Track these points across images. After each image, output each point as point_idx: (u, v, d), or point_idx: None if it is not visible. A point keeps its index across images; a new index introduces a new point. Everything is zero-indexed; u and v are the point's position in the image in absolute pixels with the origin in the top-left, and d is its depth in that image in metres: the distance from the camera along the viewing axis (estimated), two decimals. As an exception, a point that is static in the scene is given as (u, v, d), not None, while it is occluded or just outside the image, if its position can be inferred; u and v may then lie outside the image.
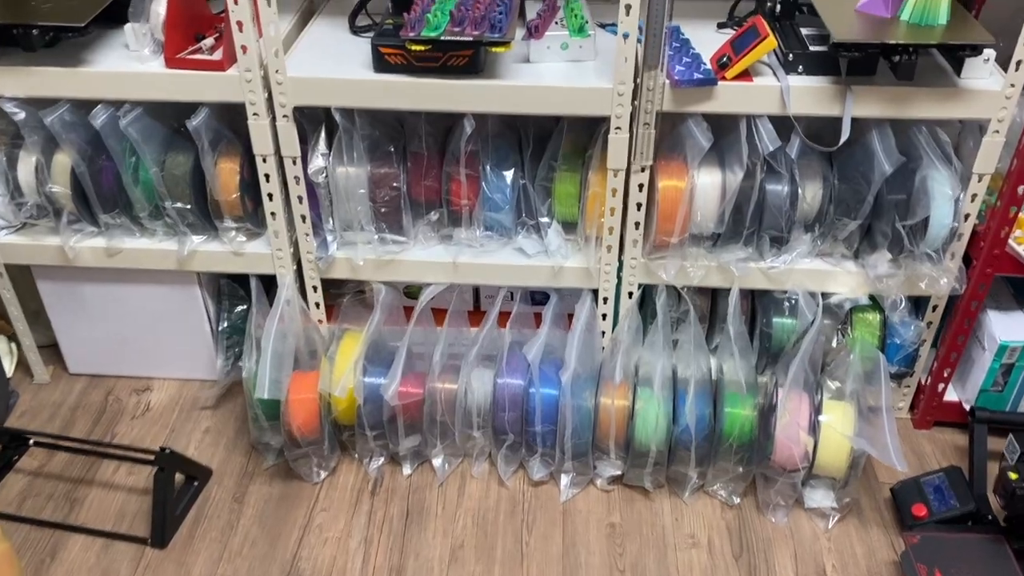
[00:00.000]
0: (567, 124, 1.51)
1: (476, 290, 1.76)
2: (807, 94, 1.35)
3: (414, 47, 1.33)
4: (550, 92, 1.37)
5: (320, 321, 1.69)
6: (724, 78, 1.35)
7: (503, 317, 1.65)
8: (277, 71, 1.39)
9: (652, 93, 1.36)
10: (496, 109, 1.40)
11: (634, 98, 1.37)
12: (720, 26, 1.54)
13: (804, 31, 1.42)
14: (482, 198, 1.52)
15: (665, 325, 1.60)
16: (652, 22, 1.28)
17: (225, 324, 1.74)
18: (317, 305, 1.67)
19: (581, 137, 1.51)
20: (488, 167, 1.51)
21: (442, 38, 1.31)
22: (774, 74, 1.37)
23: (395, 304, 1.65)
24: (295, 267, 1.62)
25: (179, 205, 1.55)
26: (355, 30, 1.53)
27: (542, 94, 1.37)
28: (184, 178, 1.53)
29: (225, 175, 1.53)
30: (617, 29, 1.29)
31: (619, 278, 1.57)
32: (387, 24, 1.42)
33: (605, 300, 1.60)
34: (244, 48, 1.37)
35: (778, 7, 1.45)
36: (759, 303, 1.64)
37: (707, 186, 1.46)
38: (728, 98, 1.36)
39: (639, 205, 1.48)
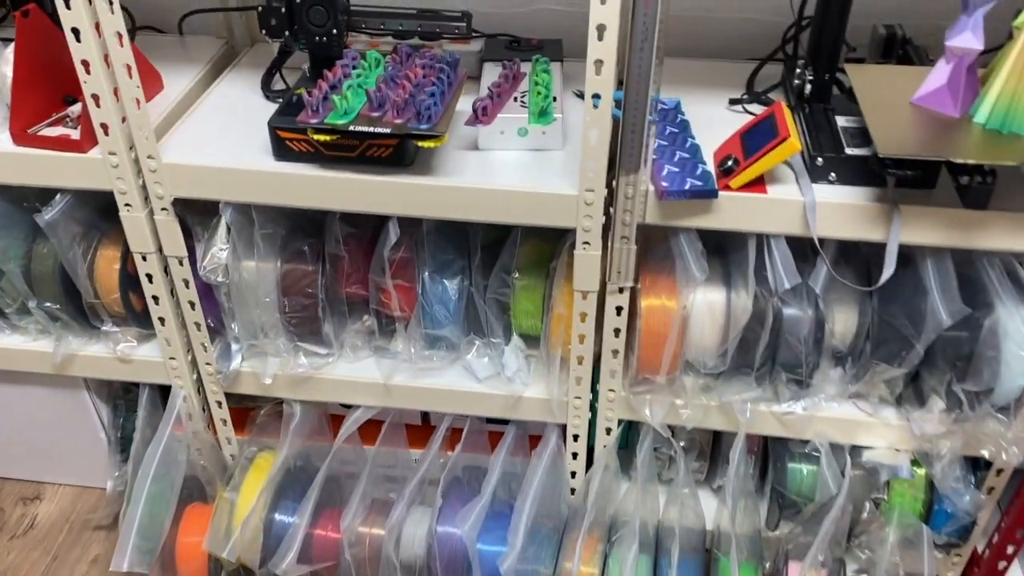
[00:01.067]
0: (523, 228, 1.18)
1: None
2: (839, 213, 1.00)
3: (317, 137, 1.01)
4: (499, 196, 1.04)
5: (228, 440, 1.39)
6: (728, 187, 1.01)
7: (454, 434, 1.34)
8: (149, 156, 1.08)
9: (631, 202, 1.02)
10: (429, 214, 1.07)
11: (609, 204, 1.04)
12: (733, 102, 1.19)
13: (841, 121, 1.06)
14: (420, 311, 1.20)
15: (650, 472, 1.28)
16: (631, 105, 0.94)
17: (121, 433, 1.45)
18: (224, 422, 1.37)
19: (542, 244, 1.18)
20: (426, 275, 1.18)
21: (351, 127, 0.99)
22: (796, 182, 1.03)
23: (315, 425, 1.34)
24: (195, 378, 1.32)
25: (48, 304, 1.25)
26: (269, 95, 1.21)
27: (488, 198, 1.04)
28: (52, 275, 1.22)
29: (103, 270, 1.23)
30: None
31: (593, 410, 1.25)
32: (296, 94, 1.10)
33: (576, 437, 1.27)
34: (105, 128, 1.05)
35: (807, 85, 1.09)
36: (771, 444, 1.30)
37: (705, 309, 1.13)
38: (732, 213, 1.02)
39: (617, 331, 1.15)
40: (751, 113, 1.17)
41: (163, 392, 1.36)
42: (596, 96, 0.94)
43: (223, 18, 1.37)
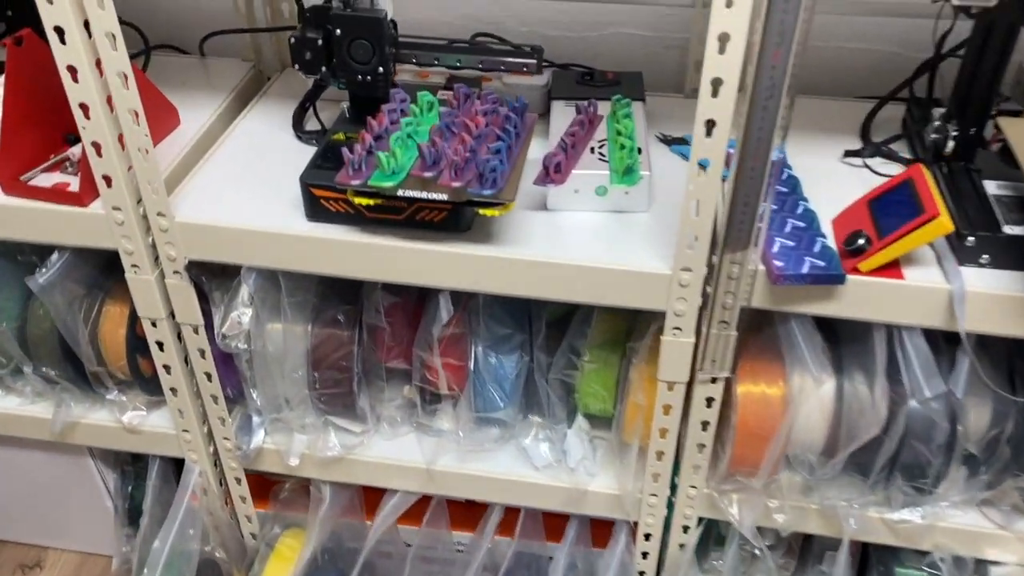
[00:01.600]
0: (598, 308, 1.00)
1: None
2: (994, 304, 0.82)
3: (360, 200, 0.84)
4: (573, 273, 0.86)
5: (249, 517, 1.23)
6: (856, 270, 0.83)
7: (506, 515, 1.18)
8: (160, 213, 0.92)
9: (736, 283, 0.84)
10: (489, 289, 0.90)
11: (707, 283, 0.86)
12: (849, 154, 1.00)
13: (992, 188, 0.88)
14: (471, 390, 1.03)
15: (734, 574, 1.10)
16: (747, 168, 0.76)
17: (129, 502, 1.29)
18: (243, 499, 1.21)
19: (618, 320, 1.01)
20: (479, 351, 1.01)
21: (401, 192, 0.82)
22: (938, 264, 0.84)
23: (347, 504, 1.18)
24: (211, 451, 1.16)
25: (46, 370, 1.10)
26: (302, 135, 1.04)
27: (561, 275, 0.87)
28: (50, 337, 1.06)
29: (108, 334, 1.07)
30: (689, 151, 0.77)
31: (670, 507, 1.07)
32: (335, 139, 0.93)
33: (648, 536, 1.10)
34: (108, 179, 0.89)
35: (950, 141, 0.91)
36: (875, 546, 1.12)
37: (814, 401, 0.95)
38: (859, 300, 0.84)
39: (705, 424, 0.97)
40: (872, 170, 0.98)
41: (176, 464, 1.21)
42: (705, 161, 0.76)
43: (250, 38, 1.20)
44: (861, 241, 0.83)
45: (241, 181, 0.97)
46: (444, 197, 0.81)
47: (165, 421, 1.14)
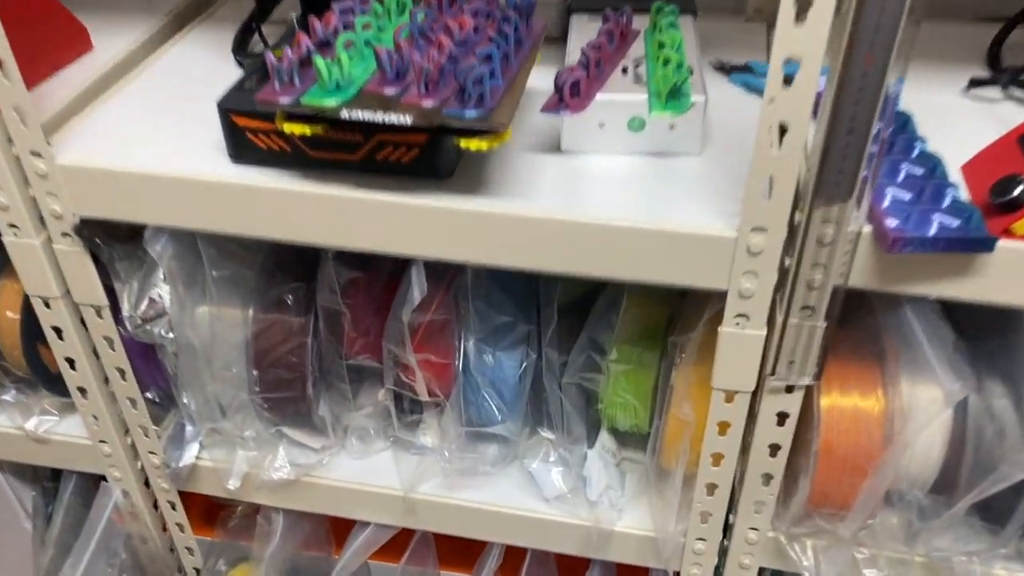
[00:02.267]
0: (628, 288, 0.74)
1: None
2: None
3: (292, 127, 0.59)
4: (598, 236, 0.61)
5: (190, 549, 0.99)
6: (1010, 233, 0.57)
7: (510, 559, 0.93)
8: (35, 153, 0.68)
9: (830, 252, 0.58)
10: (477, 258, 0.65)
11: (786, 252, 0.60)
12: (975, 84, 0.74)
13: None
14: (460, 396, 0.78)
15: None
16: (853, 83, 0.50)
17: (50, 524, 1.05)
18: (181, 527, 0.97)
19: (653, 305, 0.75)
20: (470, 346, 0.76)
21: (345, 112, 0.57)
22: None
23: (309, 535, 0.94)
24: (139, 467, 0.92)
25: (-78, 362, 0.87)
26: (244, 60, 0.80)
27: (577, 239, 0.61)
28: (-77, 319, 0.83)
29: (-2, 316, 0.83)
30: (756, 82, 0.51)
31: (723, 555, 0.81)
32: (274, 53, 0.69)
33: (688, 593, 0.84)
34: (-41, 104, 0.65)
35: None
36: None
37: (928, 418, 0.69)
38: (1007, 277, 0.58)
39: (775, 449, 0.71)
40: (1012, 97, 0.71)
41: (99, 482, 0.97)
42: (792, 62, 0.50)
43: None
44: (1018, 190, 0.56)
45: (157, 116, 0.73)
46: (408, 120, 0.55)
47: (80, 430, 0.90)
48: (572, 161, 0.66)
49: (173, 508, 0.94)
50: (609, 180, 0.64)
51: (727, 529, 0.80)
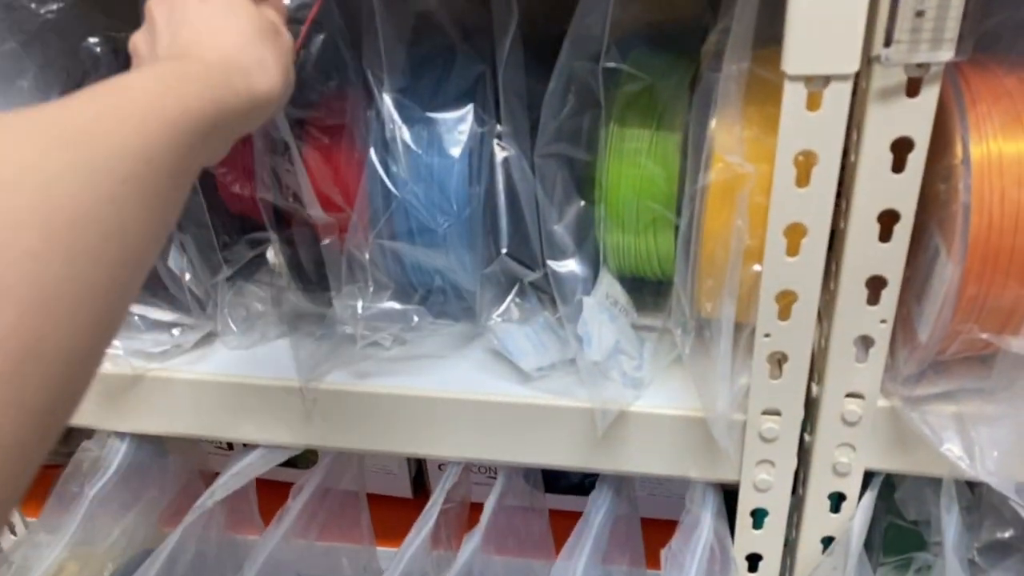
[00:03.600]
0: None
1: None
2: None
3: None
4: None
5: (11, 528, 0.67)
6: None
7: (472, 511, 0.61)
8: None
9: None
10: None
11: None
12: None
13: None
14: (375, 201, 0.49)
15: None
16: None
17: None
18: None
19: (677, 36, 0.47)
20: (389, 103, 0.48)
21: None
22: None
23: (183, 477, 0.63)
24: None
25: None
26: None
27: None
28: None
29: None
30: None
31: (803, 450, 0.51)
32: None
33: (757, 516, 0.52)
34: None
35: None
36: None
37: None
38: None
39: (891, 219, 0.42)
40: None
41: None
42: None
43: None
44: None
45: None
46: None
47: None
48: None
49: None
50: None
51: (810, 407, 0.49)
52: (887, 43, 0.38)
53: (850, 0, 0.37)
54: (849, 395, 0.47)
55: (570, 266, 0.49)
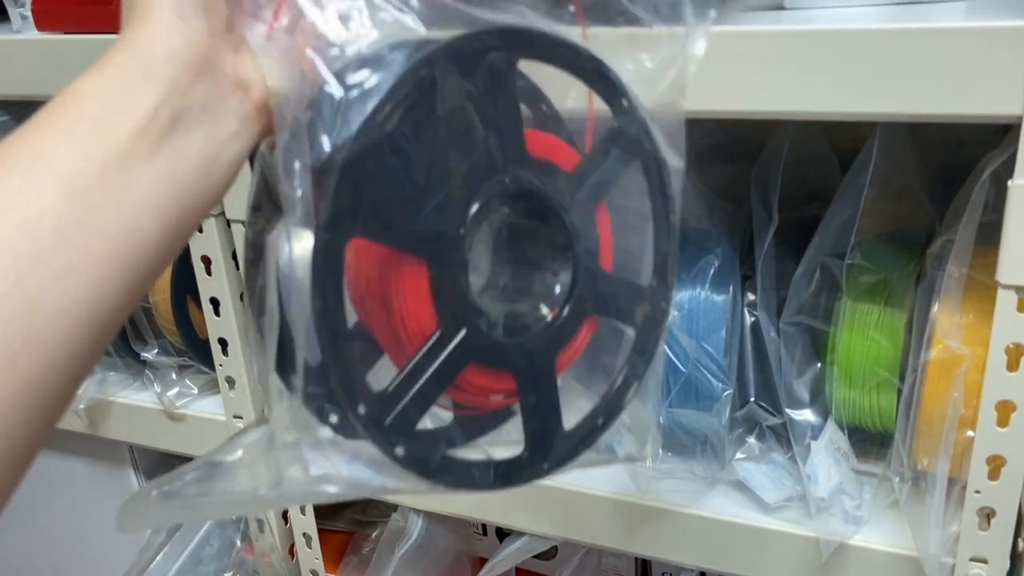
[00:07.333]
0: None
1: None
2: None
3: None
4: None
5: None
6: None
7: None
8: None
9: None
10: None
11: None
12: None
13: None
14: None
15: None
16: None
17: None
18: (308, 540, 0.82)
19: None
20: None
21: None
22: None
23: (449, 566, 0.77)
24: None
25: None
26: None
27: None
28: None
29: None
30: None
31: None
32: None
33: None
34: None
35: None
36: None
37: None
38: None
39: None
40: None
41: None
42: None
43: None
44: None
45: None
46: None
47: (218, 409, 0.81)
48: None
49: (303, 512, 0.80)
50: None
51: (1016, 559, 0.57)
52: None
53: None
54: (1053, 552, 0.54)
55: (805, 415, 0.60)
